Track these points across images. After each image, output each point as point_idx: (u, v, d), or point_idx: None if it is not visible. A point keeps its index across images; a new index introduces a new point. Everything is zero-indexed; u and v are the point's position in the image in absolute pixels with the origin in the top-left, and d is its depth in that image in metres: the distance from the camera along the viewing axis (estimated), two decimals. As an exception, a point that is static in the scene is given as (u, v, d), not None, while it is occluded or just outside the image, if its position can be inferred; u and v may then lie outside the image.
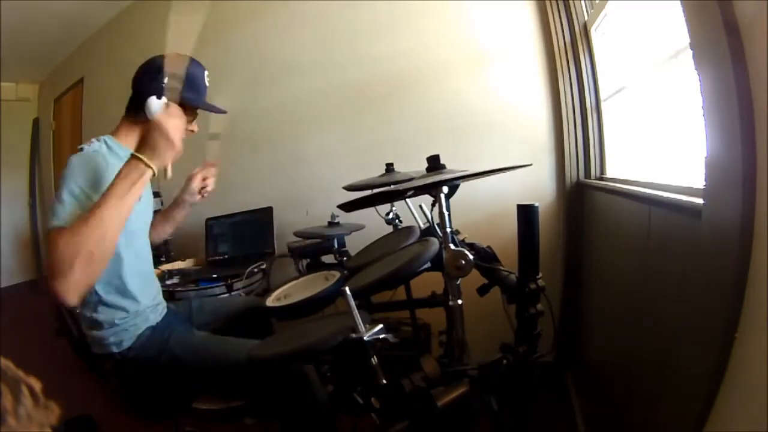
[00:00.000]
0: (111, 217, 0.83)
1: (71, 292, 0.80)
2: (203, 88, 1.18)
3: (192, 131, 1.19)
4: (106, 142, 1.10)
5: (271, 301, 1.16)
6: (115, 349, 1.09)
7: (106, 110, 1.20)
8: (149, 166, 0.87)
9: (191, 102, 1.14)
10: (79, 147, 1.05)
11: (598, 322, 1.54)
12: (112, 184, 0.86)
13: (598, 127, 1.79)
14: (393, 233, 1.53)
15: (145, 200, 1.20)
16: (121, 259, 1.08)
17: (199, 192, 1.32)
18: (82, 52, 3.54)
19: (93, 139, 1.09)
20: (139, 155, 0.88)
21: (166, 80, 1.08)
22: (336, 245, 1.66)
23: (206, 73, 1.19)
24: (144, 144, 0.90)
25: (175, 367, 1.10)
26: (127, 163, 0.88)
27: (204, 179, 1.33)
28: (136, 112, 1.12)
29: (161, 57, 1.13)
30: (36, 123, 4.34)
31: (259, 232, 2.22)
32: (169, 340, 1.13)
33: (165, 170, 0.93)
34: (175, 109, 1.06)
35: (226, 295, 1.81)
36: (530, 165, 1.11)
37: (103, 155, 1.05)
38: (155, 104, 1.07)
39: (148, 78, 1.10)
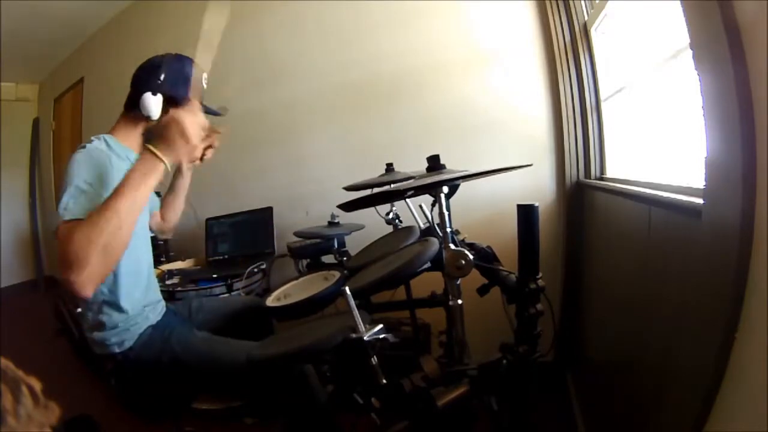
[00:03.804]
0: (126, 209, 0.82)
1: (87, 284, 0.80)
2: (200, 87, 1.17)
3: None
4: (106, 141, 1.10)
5: (271, 301, 1.16)
6: (116, 350, 1.09)
7: (106, 110, 1.20)
8: (162, 161, 0.87)
9: (185, 98, 1.13)
10: (81, 145, 1.05)
11: (598, 322, 1.54)
12: (126, 177, 0.85)
13: (598, 127, 1.79)
14: (393, 233, 1.52)
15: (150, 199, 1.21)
16: (124, 260, 1.08)
17: (200, 157, 1.25)
18: (82, 52, 3.54)
19: (93, 138, 1.09)
20: (153, 149, 0.86)
21: (162, 77, 1.09)
22: (336, 245, 1.66)
23: (205, 75, 1.18)
24: (159, 138, 0.88)
25: (176, 367, 1.10)
26: (142, 156, 0.88)
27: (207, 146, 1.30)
28: (133, 109, 1.13)
29: (161, 56, 1.13)
30: (36, 123, 4.34)
31: (259, 232, 2.22)
32: (170, 339, 1.13)
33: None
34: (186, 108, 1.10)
35: (226, 294, 1.81)
36: (530, 165, 1.11)
37: (106, 153, 1.05)
38: (150, 100, 1.08)
39: (146, 76, 1.11)
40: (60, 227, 0.86)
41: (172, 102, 1.12)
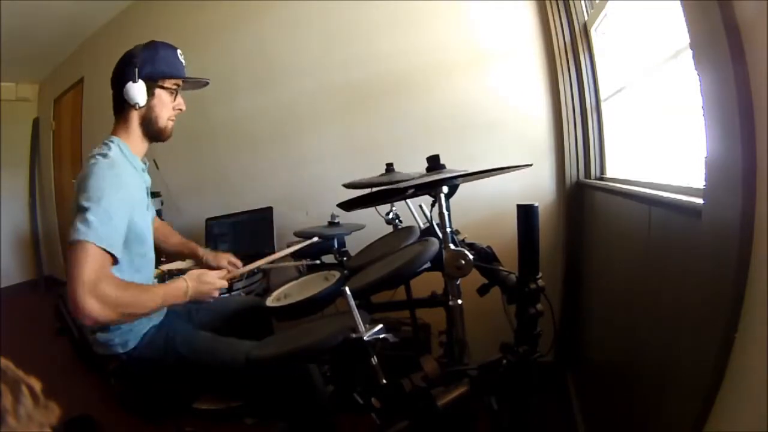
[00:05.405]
0: (150, 309, 1.01)
1: (93, 320, 0.89)
2: (178, 63, 1.16)
3: (180, 110, 1.19)
4: (120, 147, 1.10)
5: (271, 301, 1.16)
6: (120, 350, 1.09)
7: (106, 110, 1.19)
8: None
9: (166, 74, 1.13)
10: (101, 153, 1.04)
11: (598, 322, 1.54)
12: (162, 292, 1.03)
13: (598, 127, 1.79)
14: (393, 233, 1.53)
15: (150, 206, 1.22)
16: (132, 262, 1.08)
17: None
18: (82, 52, 3.54)
19: (107, 142, 1.09)
20: (187, 283, 1.06)
21: (137, 64, 1.09)
22: (336, 245, 1.66)
23: (179, 51, 1.18)
24: (197, 291, 1.07)
25: (181, 367, 1.10)
26: (176, 284, 1.06)
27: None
28: (122, 108, 1.13)
29: (130, 50, 1.13)
30: (36, 123, 4.33)
31: (259, 232, 2.22)
32: (174, 339, 1.13)
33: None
34: (164, 95, 1.13)
35: (226, 295, 1.81)
36: (530, 165, 1.11)
37: (122, 164, 1.07)
38: (133, 88, 1.09)
39: (122, 69, 1.11)
40: (79, 245, 0.90)
41: (154, 83, 1.12)
